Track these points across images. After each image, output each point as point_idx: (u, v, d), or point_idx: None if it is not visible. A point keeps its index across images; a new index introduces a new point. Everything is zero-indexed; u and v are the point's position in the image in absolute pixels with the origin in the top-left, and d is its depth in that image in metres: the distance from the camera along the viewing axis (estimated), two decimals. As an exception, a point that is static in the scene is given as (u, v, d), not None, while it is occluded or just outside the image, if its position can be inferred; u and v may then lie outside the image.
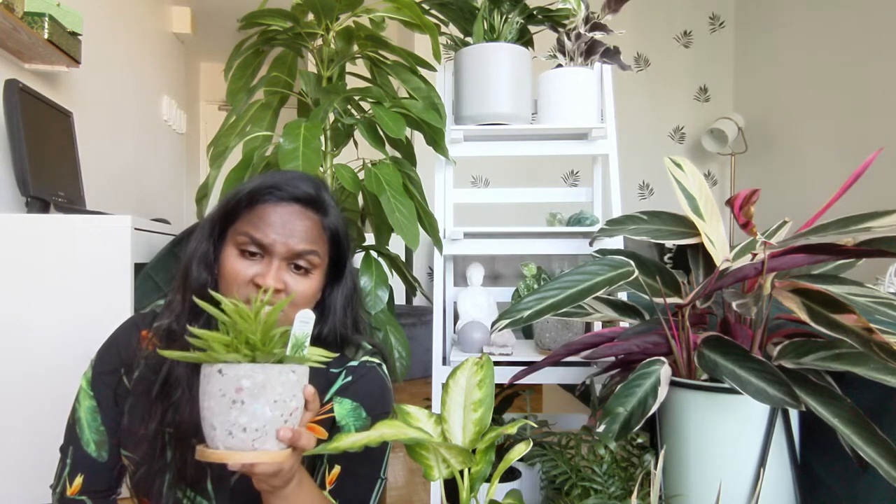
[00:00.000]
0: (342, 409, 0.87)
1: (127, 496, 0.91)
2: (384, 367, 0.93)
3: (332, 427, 0.86)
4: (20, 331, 1.56)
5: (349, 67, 1.63)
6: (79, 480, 0.86)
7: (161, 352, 0.66)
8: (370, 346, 0.93)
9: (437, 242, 1.51)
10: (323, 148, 1.46)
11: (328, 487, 0.84)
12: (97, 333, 0.97)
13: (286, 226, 0.80)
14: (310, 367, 0.71)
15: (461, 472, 0.82)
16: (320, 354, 0.66)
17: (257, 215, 0.80)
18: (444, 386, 0.89)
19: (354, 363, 0.89)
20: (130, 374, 0.85)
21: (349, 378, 0.88)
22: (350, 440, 0.75)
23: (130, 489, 0.88)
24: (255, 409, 0.57)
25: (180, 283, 0.84)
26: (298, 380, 0.61)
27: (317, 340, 0.86)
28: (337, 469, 0.85)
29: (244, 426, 0.58)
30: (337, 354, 0.82)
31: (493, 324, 1.13)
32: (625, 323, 1.29)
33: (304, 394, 0.65)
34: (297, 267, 0.81)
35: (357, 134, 1.56)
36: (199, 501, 0.83)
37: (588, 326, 1.57)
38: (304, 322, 0.62)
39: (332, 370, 0.88)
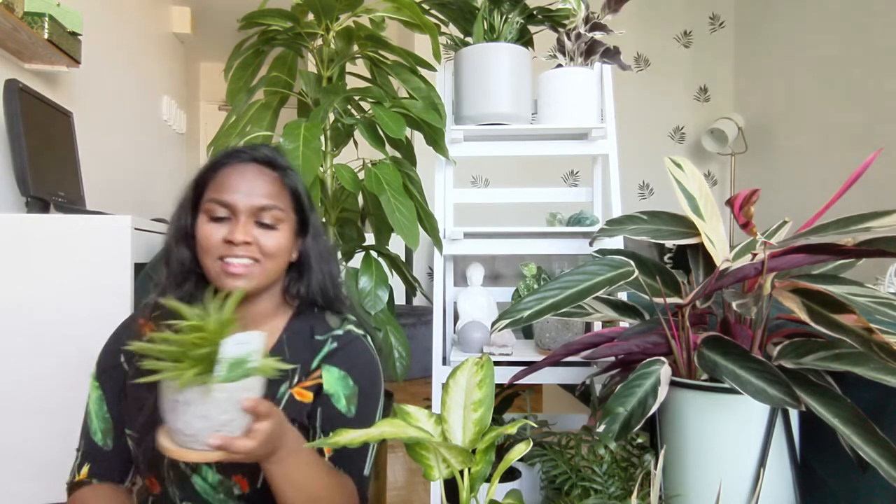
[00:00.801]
0: (330, 376, 0.90)
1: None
2: (369, 339, 0.96)
3: (319, 394, 0.89)
4: (20, 331, 1.56)
5: (349, 67, 1.63)
6: (85, 469, 0.90)
7: (133, 345, 0.70)
8: (354, 319, 0.97)
9: (437, 242, 1.51)
10: (323, 148, 1.46)
11: (327, 456, 0.87)
12: (97, 333, 0.97)
13: (247, 184, 0.86)
14: (295, 338, 0.88)
15: (461, 472, 0.82)
16: (272, 369, 0.70)
17: (220, 181, 0.87)
18: (444, 386, 0.89)
19: (339, 332, 0.93)
20: (131, 361, 0.89)
21: (335, 345, 0.91)
22: (349, 437, 0.76)
23: (139, 471, 0.91)
24: (186, 419, 0.65)
25: (164, 259, 0.90)
26: (230, 397, 0.66)
27: (300, 297, 0.92)
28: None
29: (181, 430, 0.66)
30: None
31: (493, 324, 1.13)
32: (625, 323, 1.29)
33: (245, 405, 0.68)
34: (263, 225, 0.86)
35: (357, 134, 1.56)
36: (199, 468, 0.86)
37: (588, 326, 1.57)
38: (242, 343, 0.66)
39: (316, 337, 0.92)
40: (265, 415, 0.69)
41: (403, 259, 1.74)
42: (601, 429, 1.00)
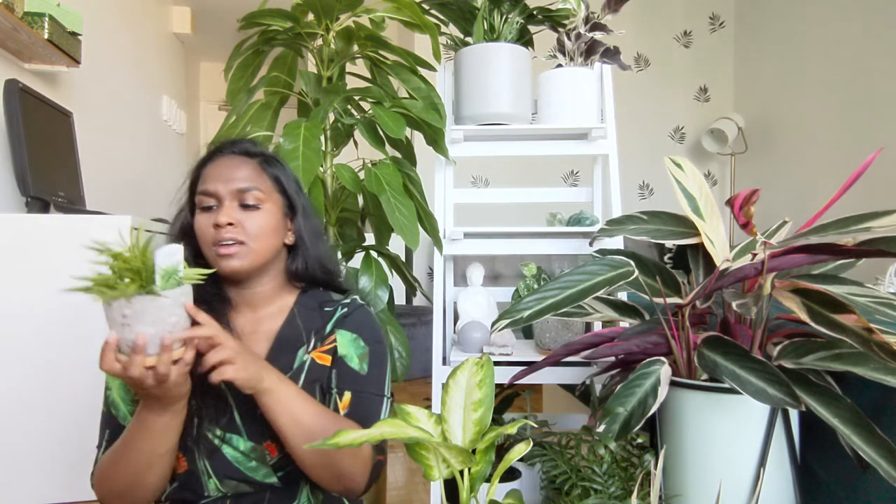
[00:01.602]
0: (343, 339, 0.96)
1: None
2: (372, 309, 1.04)
3: (336, 356, 0.95)
4: (20, 330, 1.56)
5: (349, 67, 1.63)
6: None
7: (73, 287, 0.73)
8: (358, 293, 1.04)
9: (437, 242, 1.51)
10: (323, 148, 1.46)
11: (343, 412, 0.92)
12: (97, 333, 0.97)
13: (227, 172, 0.92)
14: (304, 311, 0.97)
15: (461, 472, 0.82)
16: (196, 275, 0.76)
17: (205, 175, 0.93)
18: (444, 386, 0.89)
19: (346, 300, 1.00)
20: None
21: (344, 310, 0.99)
22: (350, 437, 0.76)
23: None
24: (140, 329, 0.71)
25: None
26: (174, 300, 0.73)
27: (301, 276, 0.99)
28: (348, 395, 0.93)
29: (134, 341, 0.72)
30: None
31: (493, 324, 1.13)
32: (625, 323, 1.29)
33: (187, 307, 0.75)
34: (247, 206, 0.91)
35: (357, 134, 1.56)
36: (228, 438, 0.89)
37: (588, 326, 1.57)
38: (170, 255, 0.73)
39: (325, 309, 0.98)
40: (203, 319, 0.77)
41: (403, 259, 1.74)
42: (601, 429, 1.00)
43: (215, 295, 0.93)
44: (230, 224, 0.89)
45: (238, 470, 0.89)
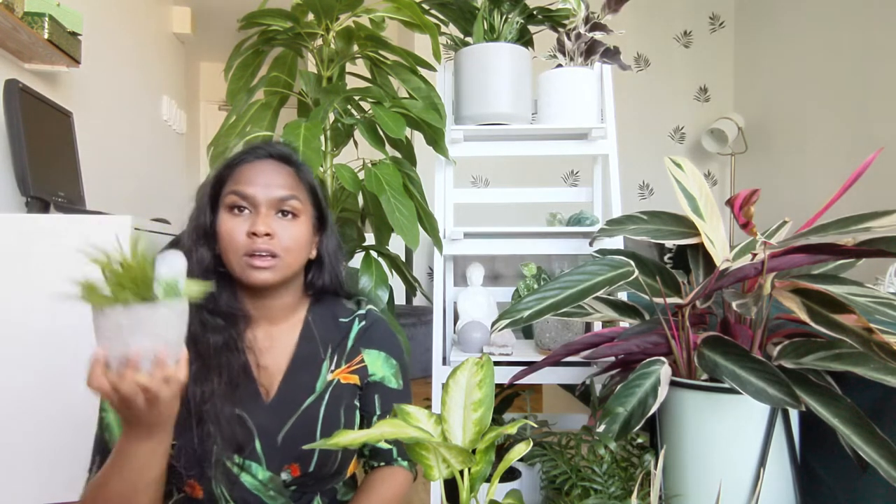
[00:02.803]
0: (373, 359, 0.97)
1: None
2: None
3: (368, 379, 0.95)
4: (19, 330, 1.56)
5: (349, 67, 1.63)
6: None
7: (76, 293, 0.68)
8: (366, 300, 1.03)
9: (437, 242, 1.51)
10: (323, 148, 1.46)
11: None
12: (97, 333, 0.96)
13: (266, 177, 0.88)
14: (320, 321, 0.94)
15: (461, 472, 0.82)
16: (199, 290, 0.70)
17: (240, 175, 0.88)
18: (444, 386, 0.89)
19: (362, 311, 0.99)
20: None
21: (363, 323, 0.98)
22: (350, 437, 0.76)
23: (175, 478, 0.86)
24: (135, 339, 0.65)
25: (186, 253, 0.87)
26: (172, 313, 0.68)
27: (320, 289, 0.96)
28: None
29: (124, 353, 0.65)
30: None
31: (493, 324, 1.13)
32: (625, 323, 1.29)
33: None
34: (284, 213, 0.88)
35: (357, 134, 1.56)
36: (248, 465, 0.86)
37: (588, 326, 1.57)
38: (171, 264, 0.69)
39: (341, 320, 0.97)
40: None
41: (403, 259, 1.74)
42: (601, 429, 1.00)
43: (236, 308, 0.88)
44: (267, 234, 0.85)
45: (258, 497, 0.87)
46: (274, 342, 0.93)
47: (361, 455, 1.00)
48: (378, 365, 0.97)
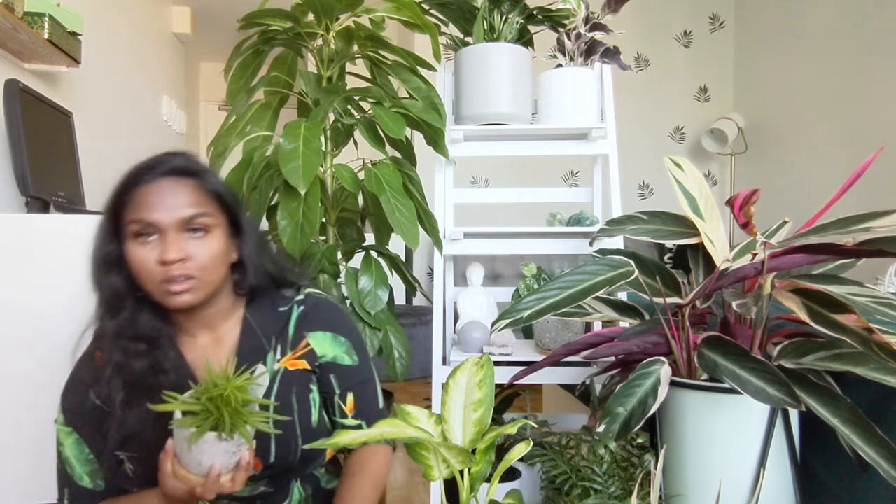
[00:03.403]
0: (321, 342, 0.95)
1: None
2: (324, 294, 1.01)
3: (316, 361, 0.94)
4: (19, 331, 1.56)
5: (349, 67, 1.63)
6: None
7: (155, 407, 0.75)
8: (309, 285, 1.01)
9: (437, 242, 1.51)
10: (323, 148, 1.46)
11: (350, 414, 0.95)
12: (97, 333, 0.96)
13: (167, 198, 0.83)
14: (258, 315, 0.94)
15: (461, 472, 0.82)
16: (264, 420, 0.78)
17: (138, 200, 0.83)
18: (444, 386, 0.89)
19: (300, 296, 0.97)
20: (100, 392, 0.88)
21: (302, 308, 0.96)
22: (349, 437, 0.77)
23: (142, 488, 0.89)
24: (210, 457, 0.76)
25: (93, 288, 0.87)
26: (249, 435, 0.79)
27: (248, 294, 0.94)
28: (351, 397, 0.95)
29: (202, 465, 0.76)
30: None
31: (493, 324, 1.13)
32: (625, 323, 1.29)
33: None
34: (194, 230, 0.84)
35: (357, 134, 1.56)
36: None
37: (588, 326, 1.57)
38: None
39: (280, 309, 0.96)
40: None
41: (403, 259, 1.74)
42: (601, 429, 1.00)
43: (157, 330, 0.87)
44: (181, 260, 0.82)
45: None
46: (218, 346, 0.92)
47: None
48: (326, 346, 0.95)
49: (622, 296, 1.52)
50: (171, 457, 0.76)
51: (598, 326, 1.56)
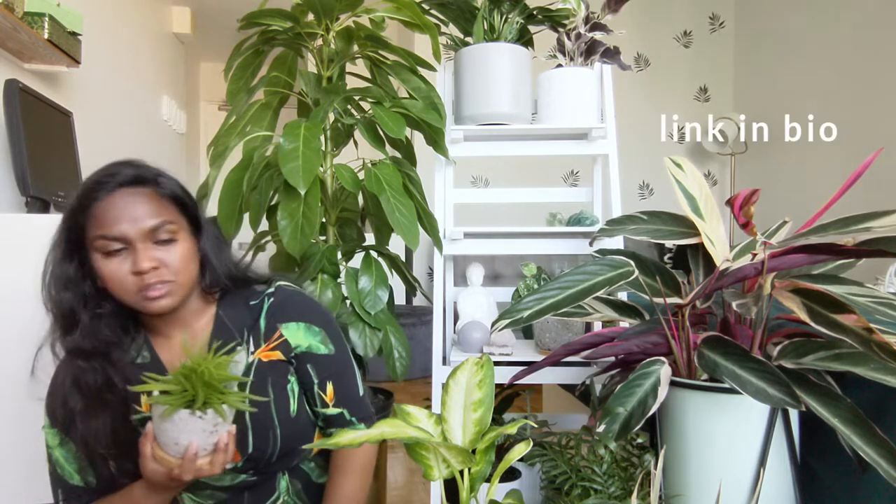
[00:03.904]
0: (294, 332, 0.95)
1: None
2: (296, 287, 1.02)
3: (290, 353, 0.95)
4: (19, 331, 1.56)
5: (349, 67, 1.63)
6: None
7: (134, 388, 0.79)
8: (280, 278, 1.02)
9: (437, 242, 1.51)
10: (323, 148, 1.46)
11: (331, 402, 0.96)
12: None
13: (127, 211, 0.84)
14: (230, 310, 0.95)
15: (461, 472, 0.82)
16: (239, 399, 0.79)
17: (98, 216, 0.83)
18: (444, 386, 0.89)
19: (270, 289, 0.98)
20: (76, 403, 0.88)
21: (272, 300, 0.96)
22: (350, 437, 0.77)
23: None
24: (193, 436, 0.76)
25: (47, 306, 0.89)
26: (229, 413, 0.79)
27: (213, 287, 0.95)
28: (331, 386, 0.96)
29: (182, 443, 0.77)
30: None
31: (493, 324, 1.13)
32: (625, 323, 1.29)
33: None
34: (161, 241, 0.85)
35: (357, 134, 1.56)
36: None
37: (588, 326, 1.57)
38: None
39: (251, 303, 0.96)
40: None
41: (403, 259, 1.74)
42: (601, 429, 1.00)
43: (115, 339, 0.88)
44: (154, 268, 0.83)
45: (203, 482, 0.89)
46: (193, 340, 0.93)
47: (319, 428, 1.01)
48: (300, 336, 0.95)
49: (622, 296, 1.52)
50: (150, 440, 0.77)
51: (598, 326, 1.56)
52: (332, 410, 0.97)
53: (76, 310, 0.86)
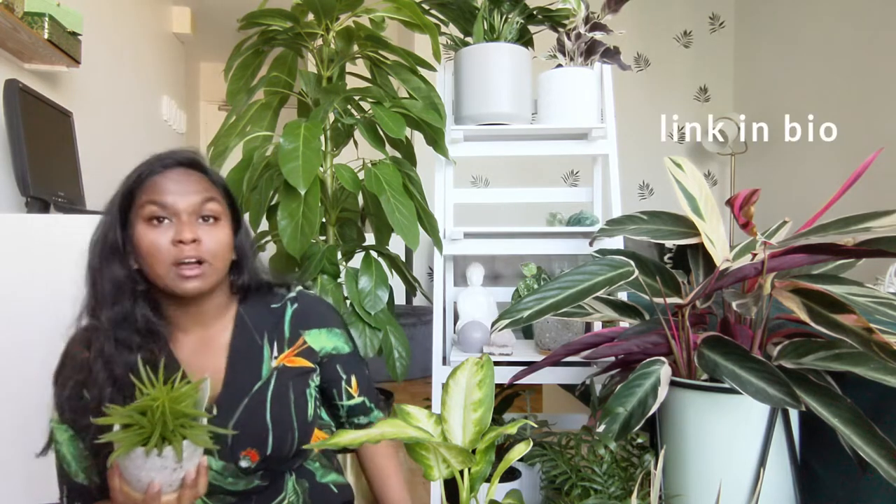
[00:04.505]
0: (317, 338, 0.98)
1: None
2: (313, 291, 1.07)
3: (314, 356, 0.98)
4: (19, 331, 1.56)
5: (349, 67, 1.63)
6: None
7: (96, 420, 0.74)
8: (299, 283, 1.05)
9: (437, 242, 1.51)
10: (323, 148, 1.46)
11: (356, 394, 1.02)
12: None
13: (181, 185, 0.86)
14: (252, 311, 0.96)
15: (461, 472, 0.82)
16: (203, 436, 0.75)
17: (151, 187, 0.86)
18: (444, 386, 0.89)
19: (292, 294, 1.00)
20: (90, 389, 0.87)
21: (296, 305, 0.99)
22: (350, 437, 0.77)
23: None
24: (154, 474, 0.73)
25: (89, 278, 0.89)
26: (192, 452, 0.75)
27: (242, 288, 0.96)
28: (354, 379, 1.02)
29: (142, 481, 0.74)
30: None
31: (493, 324, 1.13)
32: (625, 323, 1.29)
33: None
34: (205, 218, 0.87)
35: (357, 134, 1.56)
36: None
37: (588, 326, 1.57)
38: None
39: (273, 306, 0.98)
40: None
41: (403, 259, 1.74)
42: (601, 429, 1.00)
43: (154, 325, 0.87)
44: (194, 241, 0.84)
45: (217, 486, 0.89)
46: (210, 344, 0.93)
47: (339, 418, 1.05)
48: (323, 340, 0.99)
49: (622, 296, 1.52)
50: (116, 473, 0.75)
51: (598, 326, 1.56)
52: (356, 400, 1.03)
53: (122, 283, 0.86)
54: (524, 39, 1.66)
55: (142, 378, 0.75)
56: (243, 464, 0.89)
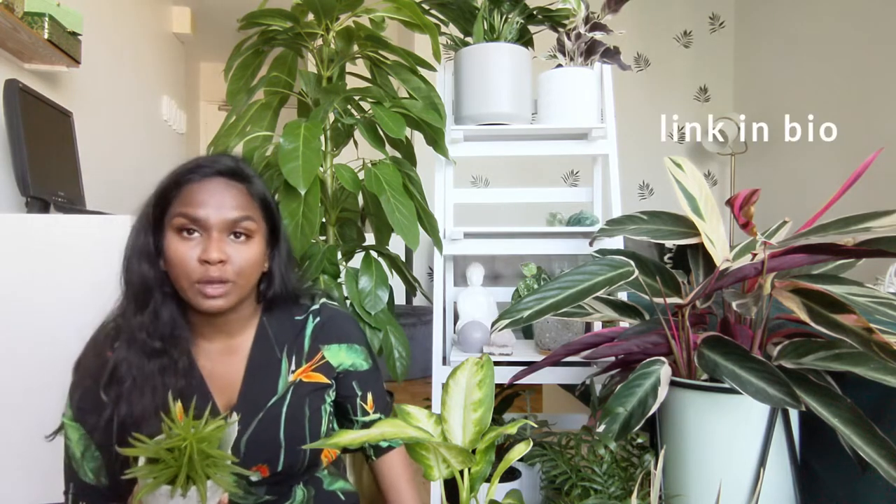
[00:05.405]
0: (336, 353, 0.97)
1: None
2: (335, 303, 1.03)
3: (331, 371, 0.97)
4: (19, 331, 1.56)
5: (349, 67, 1.63)
6: None
7: (121, 450, 0.71)
8: (321, 293, 1.03)
9: (437, 242, 1.51)
10: (323, 148, 1.46)
11: (371, 410, 1.01)
12: (97, 334, 0.96)
13: (216, 197, 0.83)
14: (274, 322, 0.94)
15: (461, 472, 0.82)
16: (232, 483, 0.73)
17: (187, 195, 0.84)
18: (444, 386, 0.89)
19: (315, 306, 0.99)
20: (108, 389, 0.86)
21: (318, 319, 0.97)
22: (349, 437, 0.77)
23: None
24: None
25: (123, 279, 0.87)
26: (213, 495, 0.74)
27: (267, 302, 0.94)
28: (370, 395, 1.01)
29: None
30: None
31: (493, 324, 1.13)
32: (625, 323, 1.29)
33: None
34: (237, 235, 0.85)
35: (357, 134, 1.56)
36: None
37: (588, 326, 1.57)
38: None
39: (296, 318, 0.97)
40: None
41: (403, 259, 1.74)
42: (601, 429, 1.00)
43: (178, 329, 0.86)
44: (221, 262, 0.82)
45: (230, 500, 0.88)
46: (231, 352, 0.92)
47: None
48: (342, 355, 0.98)
49: (622, 296, 1.52)
50: (135, 501, 0.74)
51: (598, 326, 1.56)
52: (372, 417, 1.01)
53: (151, 285, 0.84)
54: (524, 39, 1.66)
55: (169, 410, 0.74)
56: (253, 478, 0.89)
